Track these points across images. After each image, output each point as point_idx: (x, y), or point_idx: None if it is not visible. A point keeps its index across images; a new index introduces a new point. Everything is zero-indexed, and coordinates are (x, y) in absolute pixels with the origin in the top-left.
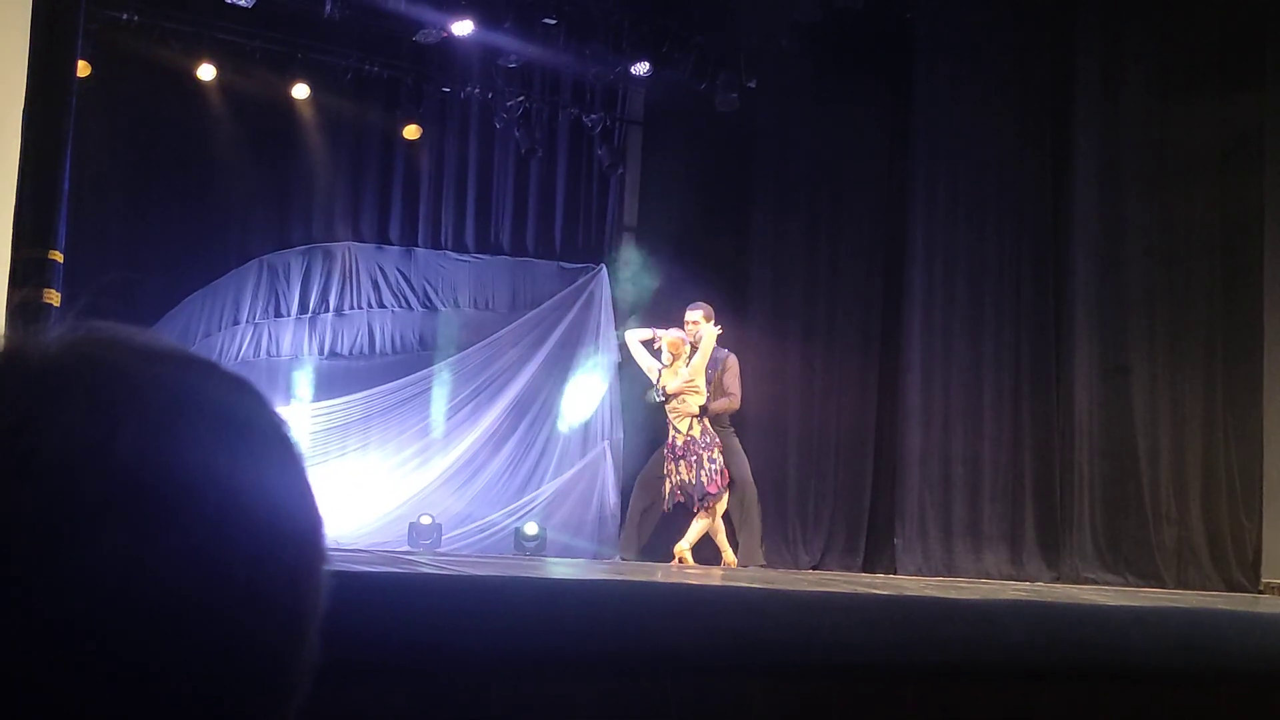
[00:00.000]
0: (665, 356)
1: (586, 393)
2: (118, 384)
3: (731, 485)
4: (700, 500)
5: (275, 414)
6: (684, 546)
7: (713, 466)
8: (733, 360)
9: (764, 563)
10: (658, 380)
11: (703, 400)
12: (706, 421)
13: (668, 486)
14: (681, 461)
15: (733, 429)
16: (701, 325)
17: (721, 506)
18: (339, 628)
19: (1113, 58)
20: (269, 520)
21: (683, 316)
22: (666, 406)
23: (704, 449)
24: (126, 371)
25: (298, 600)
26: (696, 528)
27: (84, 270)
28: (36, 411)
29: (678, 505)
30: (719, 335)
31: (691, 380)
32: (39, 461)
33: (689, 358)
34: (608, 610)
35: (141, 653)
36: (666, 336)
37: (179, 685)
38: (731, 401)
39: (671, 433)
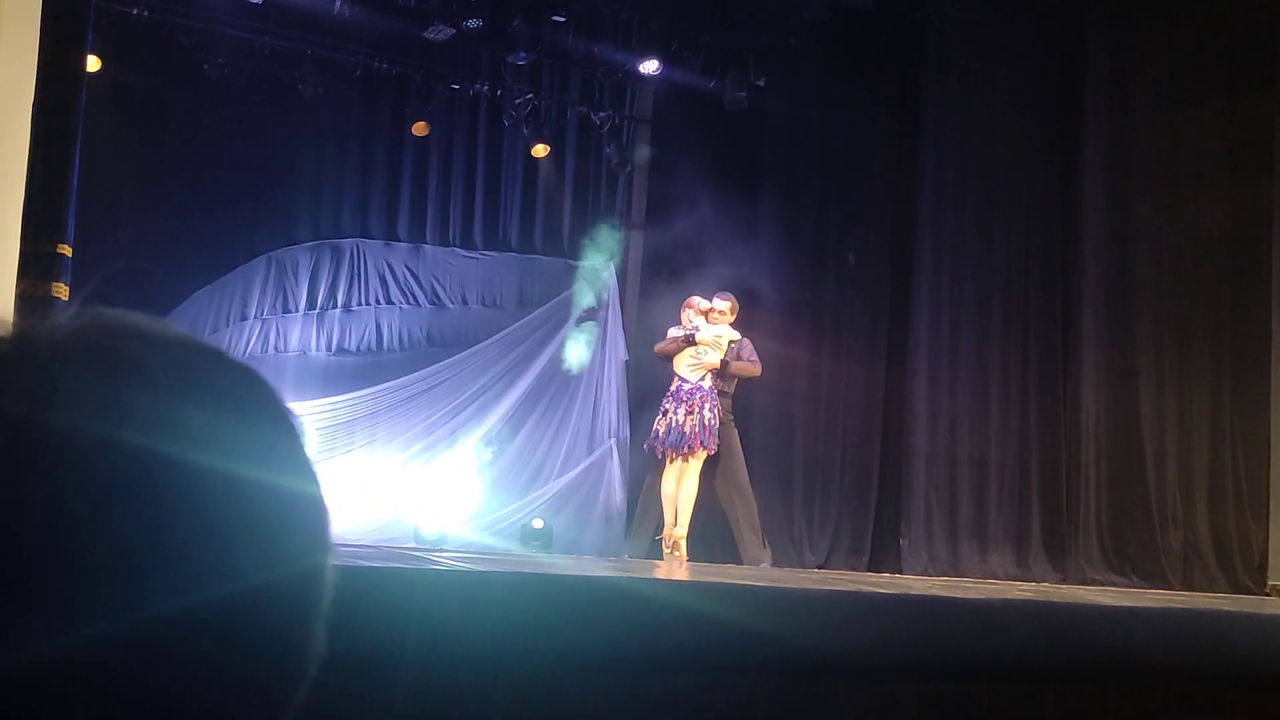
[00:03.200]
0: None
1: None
2: (126, 372)
3: (719, 484)
4: (689, 449)
5: (283, 404)
6: (680, 532)
7: (711, 419)
8: (748, 341)
9: (770, 562)
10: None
11: (718, 361)
12: (717, 384)
13: (662, 427)
14: (682, 406)
15: (735, 426)
16: (725, 321)
17: (694, 473)
18: (345, 621)
19: (1123, 60)
20: (276, 509)
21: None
22: (688, 352)
23: (708, 399)
24: (135, 359)
25: (304, 590)
26: (686, 508)
27: (92, 264)
28: (46, 399)
29: (666, 447)
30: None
31: (719, 337)
32: (48, 449)
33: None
34: (613, 607)
35: (146, 639)
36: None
37: (182, 674)
38: (754, 365)
39: (676, 381)
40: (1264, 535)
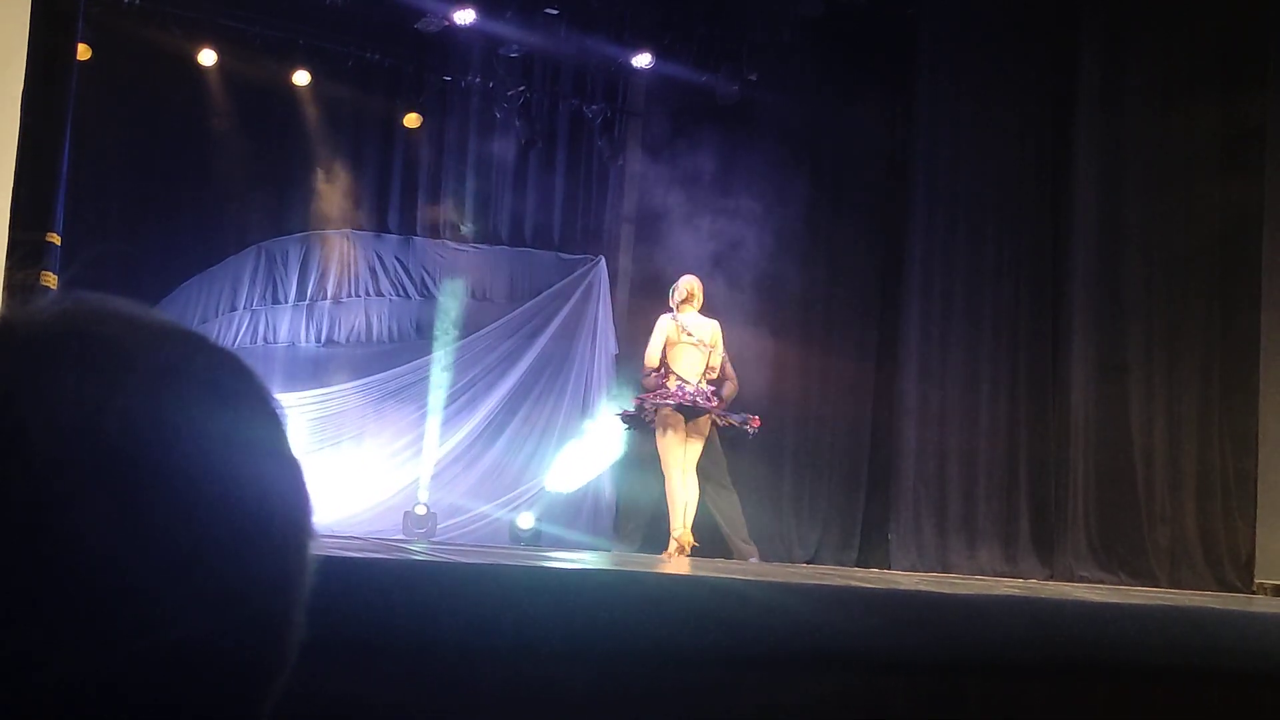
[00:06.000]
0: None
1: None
2: (107, 356)
3: (706, 480)
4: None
5: (264, 389)
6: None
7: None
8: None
9: (757, 556)
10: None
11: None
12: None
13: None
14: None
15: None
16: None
17: (694, 470)
18: (330, 611)
19: (1115, 58)
20: (256, 495)
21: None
22: (685, 357)
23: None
24: (115, 343)
25: (283, 577)
26: (690, 508)
27: (82, 253)
28: (25, 383)
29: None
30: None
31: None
32: (28, 433)
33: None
34: (598, 599)
35: (126, 625)
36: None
37: (161, 658)
38: (735, 385)
39: (676, 382)
40: (1251, 533)
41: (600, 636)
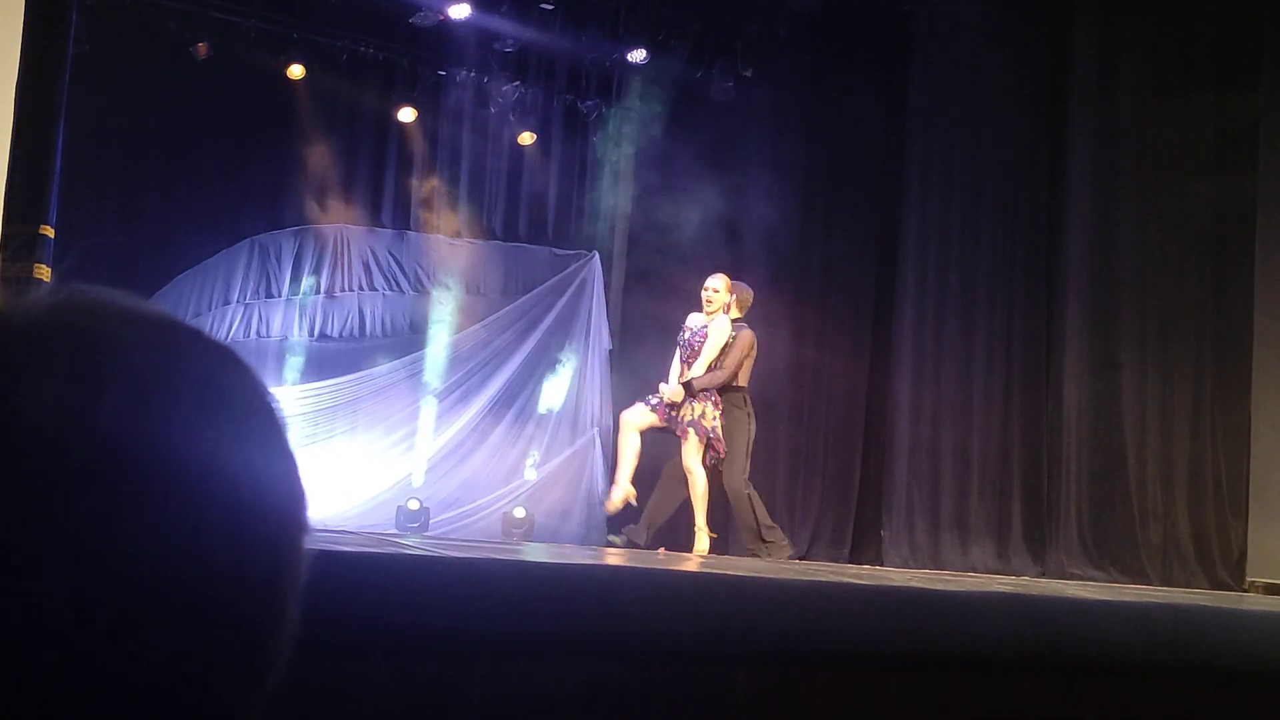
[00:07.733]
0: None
1: (564, 378)
2: (101, 349)
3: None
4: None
5: (259, 383)
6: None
7: (713, 422)
8: (745, 336)
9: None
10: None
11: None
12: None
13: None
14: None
15: (750, 415)
16: (721, 294)
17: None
18: (323, 606)
19: (1109, 53)
20: (250, 490)
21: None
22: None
23: (702, 400)
24: (110, 337)
25: (277, 572)
26: (699, 508)
27: (75, 246)
28: (19, 376)
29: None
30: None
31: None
32: (21, 426)
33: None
34: (591, 594)
35: (119, 621)
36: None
37: (155, 654)
38: (714, 377)
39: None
40: (1243, 531)
41: (594, 631)
